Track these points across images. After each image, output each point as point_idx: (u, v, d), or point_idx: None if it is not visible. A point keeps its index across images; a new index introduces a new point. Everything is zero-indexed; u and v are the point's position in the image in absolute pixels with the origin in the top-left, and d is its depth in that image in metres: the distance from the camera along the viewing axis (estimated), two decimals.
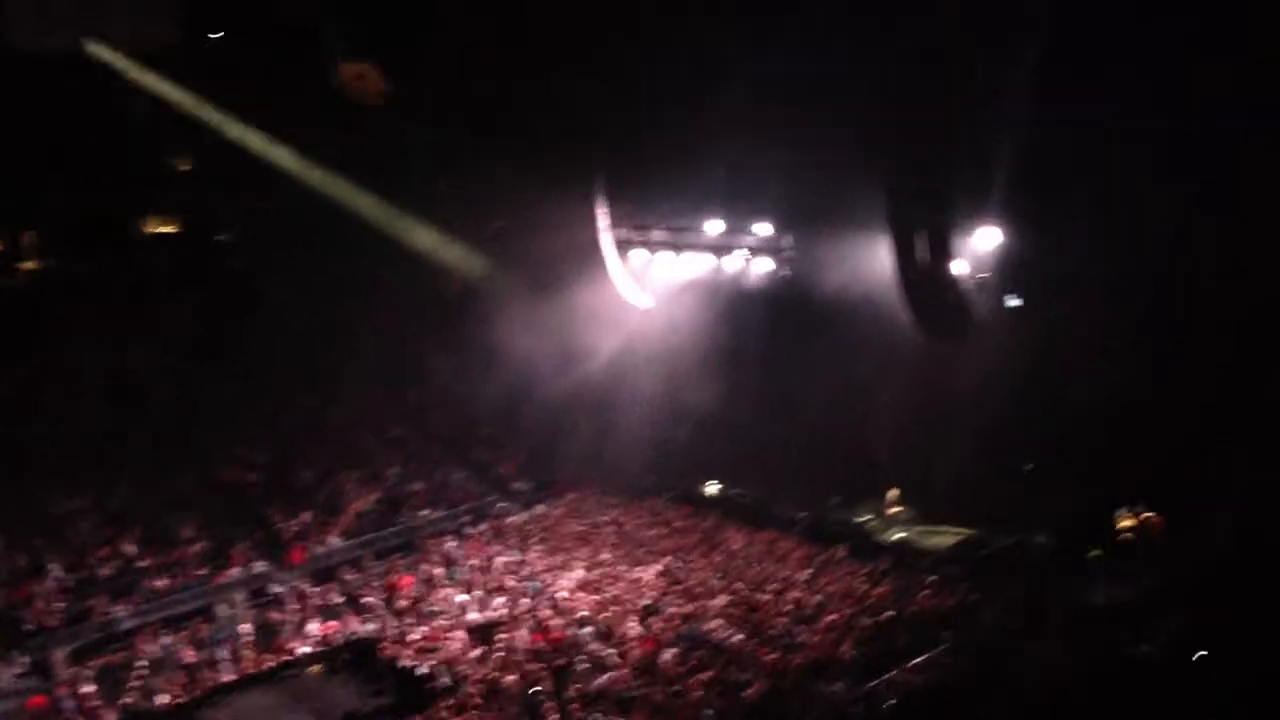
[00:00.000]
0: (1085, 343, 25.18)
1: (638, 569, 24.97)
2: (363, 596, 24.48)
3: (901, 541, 26.14)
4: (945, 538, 25.99)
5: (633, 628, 21.37)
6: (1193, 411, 22.72)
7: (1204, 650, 17.98)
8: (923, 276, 25.77)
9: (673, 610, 22.19)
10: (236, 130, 33.20)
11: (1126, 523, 23.82)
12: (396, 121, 33.54)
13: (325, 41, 33.36)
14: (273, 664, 21.83)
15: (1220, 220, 21.22)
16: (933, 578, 23.35)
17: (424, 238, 34.49)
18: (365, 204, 33.98)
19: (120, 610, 24.20)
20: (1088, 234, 22.63)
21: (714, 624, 21.30)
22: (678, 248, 31.61)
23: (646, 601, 22.77)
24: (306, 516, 28.55)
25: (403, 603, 23.99)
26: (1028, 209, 24.19)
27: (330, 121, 33.55)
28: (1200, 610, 19.66)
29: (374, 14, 32.04)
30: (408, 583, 25.05)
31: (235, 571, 26.11)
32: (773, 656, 19.53)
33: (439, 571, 25.74)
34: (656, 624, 21.59)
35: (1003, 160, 22.86)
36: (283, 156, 33.53)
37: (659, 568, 24.96)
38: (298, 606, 24.22)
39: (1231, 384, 22.04)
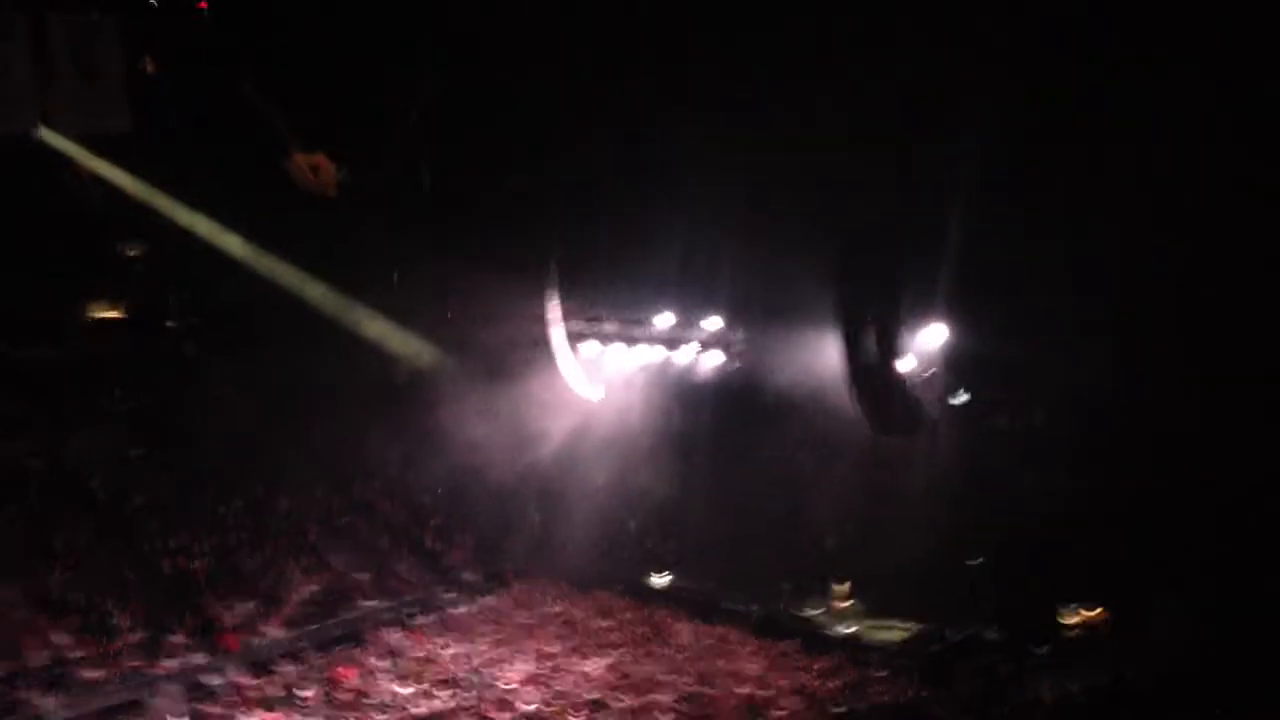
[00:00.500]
0: (1032, 441, 25.65)
1: (585, 662, 24.63)
2: (303, 689, 23.84)
3: (852, 635, 26.09)
4: (895, 632, 25.99)
5: None
6: (1141, 511, 23.11)
7: None
8: (871, 372, 26.11)
9: (620, 705, 21.90)
10: (188, 218, 33.22)
11: (1073, 619, 24.06)
12: (349, 211, 33.71)
13: (279, 132, 33.66)
14: None
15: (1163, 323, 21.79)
16: (884, 672, 23.36)
17: (374, 326, 34.46)
18: (316, 293, 33.97)
19: (50, 702, 23.35)
20: (1033, 333, 23.14)
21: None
22: (629, 340, 31.75)
23: (594, 696, 22.44)
24: (248, 606, 27.85)
25: (343, 695, 23.38)
26: (975, 306, 24.73)
27: (282, 211, 33.65)
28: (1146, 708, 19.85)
29: (328, 106, 32.40)
30: (350, 674, 24.46)
31: (171, 663, 25.33)
32: None
33: (382, 663, 25.18)
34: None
35: (950, 257, 23.43)
36: (234, 244, 33.53)
37: (607, 661, 24.64)
38: (235, 699, 23.52)
39: (1179, 484, 22.44)
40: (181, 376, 36.29)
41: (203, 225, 33.36)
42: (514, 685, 23.28)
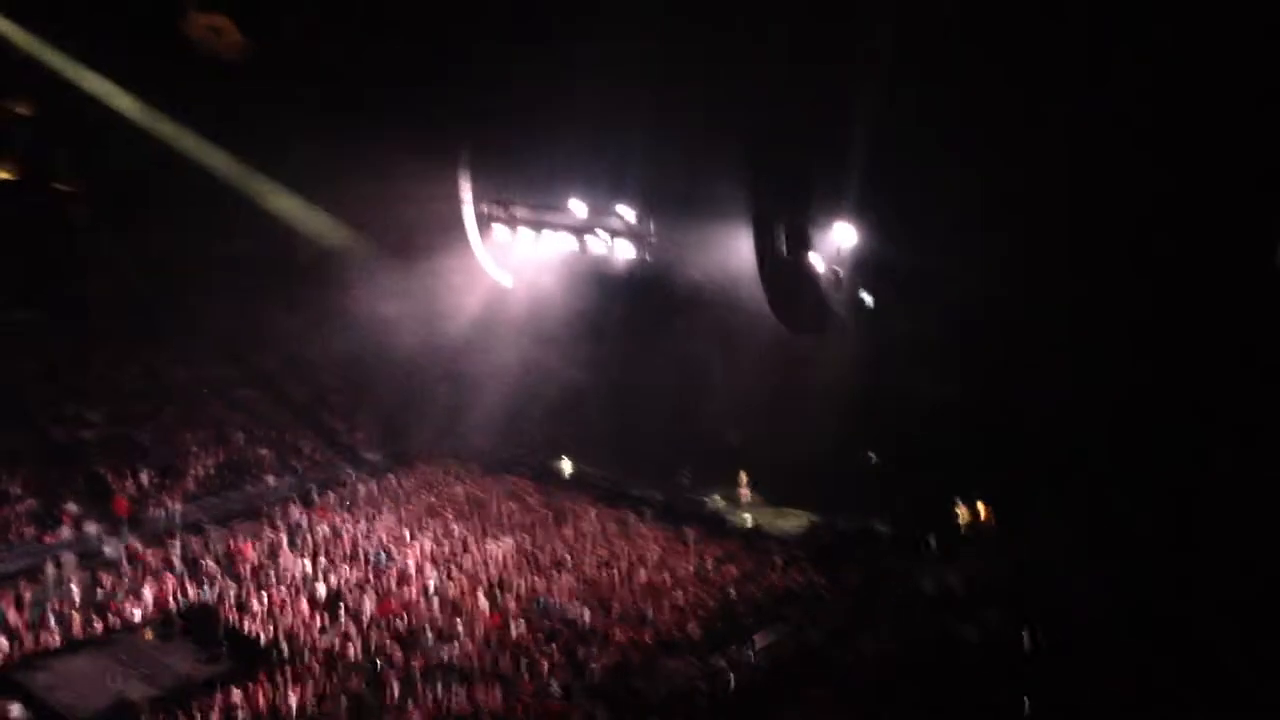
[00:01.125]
0: (931, 341, 26.25)
1: (489, 543, 24.91)
2: (203, 561, 23.72)
3: (751, 524, 26.85)
4: (792, 521, 26.85)
5: (482, 601, 21.36)
6: (1029, 411, 23.95)
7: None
8: (781, 268, 26.37)
9: (522, 585, 22.28)
10: (81, 77, 31.62)
11: (961, 513, 25.12)
12: (255, 79, 32.48)
13: None
14: (102, 628, 20.95)
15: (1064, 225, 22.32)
16: (778, 560, 24.17)
17: (280, 201, 33.56)
18: (218, 162, 32.84)
19: None
20: (940, 235, 23.53)
21: (564, 600, 21.53)
22: (539, 226, 31.49)
23: (497, 575, 22.80)
24: (144, 477, 27.46)
25: (244, 569, 23.32)
26: (883, 208, 25.02)
27: (182, 74, 32.25)
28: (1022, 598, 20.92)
29: None
30: (250, 549, 24.38)
31: (65, 532, 24.93)
32: (621, 633, 19.86)
33: (283, 539, 25.12)
34: (506, 598, 21.63)
35: (860, 158, 23.57)
36: (130, 107, 32.08)
37: (510, 542, 24.96)
38: (132, 570, 23.27)
39: (1071, 387, 23.24)
40: (71, 240, 35.00)
41: (95, 84, 31.80)
42: (415, 563, 23.45)
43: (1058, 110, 20.99)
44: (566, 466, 30.81)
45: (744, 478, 28.36)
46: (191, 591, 22.12)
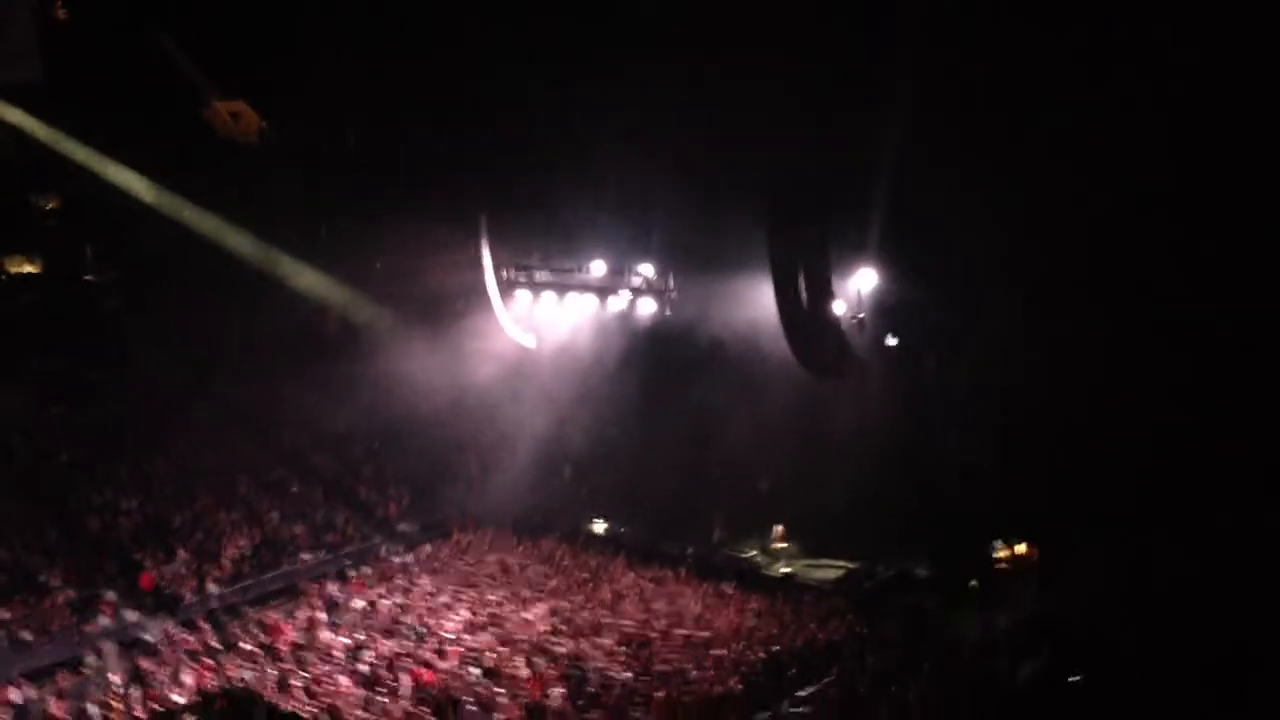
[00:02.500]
0: (959, 383, 26.14)
1: (525, 609, 24.79)
2: (241, 643, 23.72)
3: (787, 575, 26.62)
4: (830, 570, 26.58)
5: (521, 668, 21.18)
6: (1065, 455, 23.70)
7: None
8: (803, 316, 26.34)
9: (561, 650, 22.11)
10: (106, 168, 32.32)
11: (1002, 554, 24.78)
12: (274, 160, 33.12)
13: (199, 80, 32.85)
14: (144, 715, 20.93)
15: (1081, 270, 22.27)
16: (818, 610, 23.89)
17: (303, 276, 33.97)
18: (240, 243, 33.34)
19: None
20: (962, 280, 23.53)
21: (603, 662, 21.32)
22: (561, 288, 31.70)
23: (536, 641, 22.64)
24: (179, 562, 27.56)
25: (283, 649, 23.28)
26: (904, 251, 25.05)
27: (205, 160, 32.95)
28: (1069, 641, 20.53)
29: (248, 53, 31.61)
30: (288, 628, 24.38)
31: (104, 621, 25.04)
32: (663, 693, 19.62)
33: (321, 616, 25.09)
34: (544, 664, 21.45)
35: (881, 203, 23.66)
36: (155, 196, 32.73)
37: (546, 607, 24.83)
38: (171, 655, 23.32)
39: (1104, 427, 23.00)
40: (101, 331, 35.53)
41: (121, 175, 32.49)
42: (453, 633, 23.34)
43: (1085, 152, 21.01)
44: (599, 526, 30.70)
45: (779, 529, 28.17)
46: (231, 674, 22.07)
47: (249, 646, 23.31)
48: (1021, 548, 24.74)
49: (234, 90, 33.39)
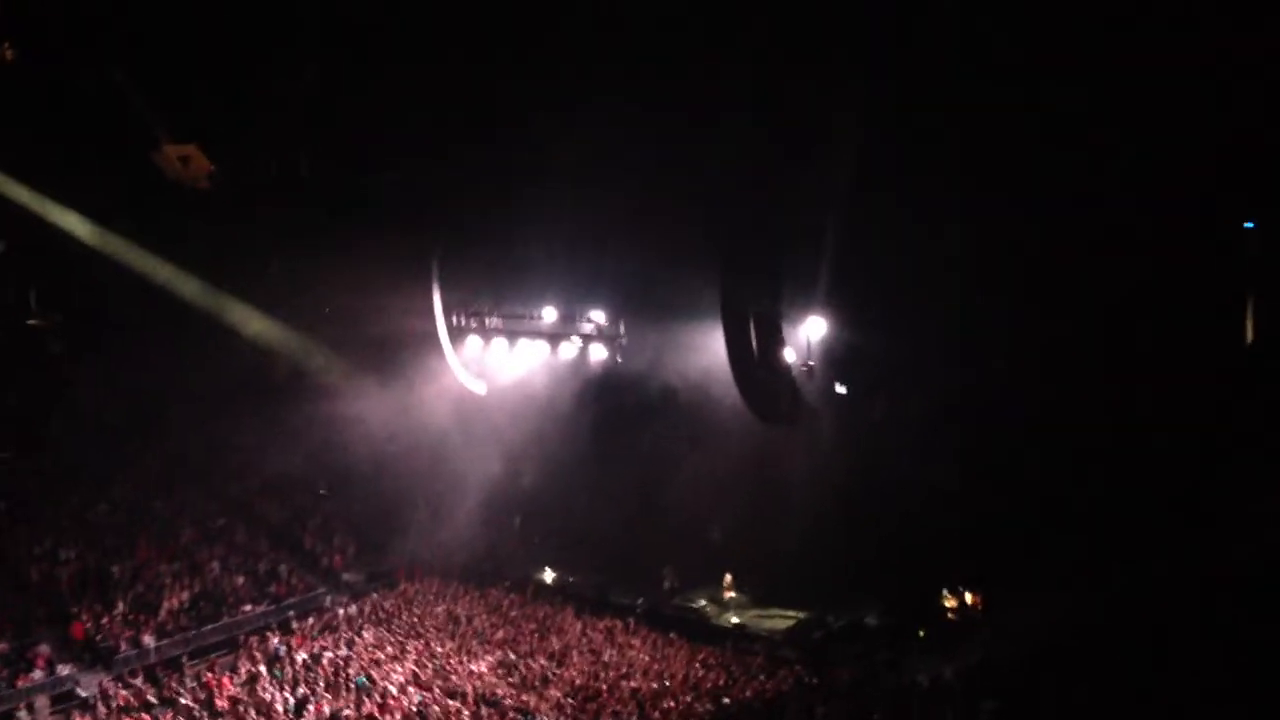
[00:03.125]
0: (907, 429, 26.25)
1: (472, 660, 24.42)
2: (179, 698, 23.07)
3: (737, 625, 26.45)
4: (780, 620, 26.45)
5: None
6: (1011, 500, 23.87)
7: None
8: (755, 363, 26.38)
9: (507, 701, 21.75)
10: (50, 210, 31.78)
11: (950, 604, 24.83)
12: (224, 204, 32.72)
13: (148, 122, 32.44)
14: None
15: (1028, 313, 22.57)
16: (768, 661, 23.74)
17: (251, 321, 33.54)
18: (188, 287, 32.85)
19: None
20: (911, 323, 23.73)
21: (550, 715, 21.00)
22: (513, 334, 31.58)
23: (483, 693, 22.25)
24: (117, 613, 26.88)
25: (222, 704, 22.69)
26: (853, 299, 25.23)
27: (152, 203, 32.48)
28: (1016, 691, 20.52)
29: (199, 95, 31.31)
30: (228, 682, 23.77)
31: (38, 674, 24.32)
32: None
33: (261, 669, 24.52)
34: (490, 715, 21.08)
35: (830, 250, 23.84)
36: (100, 238, 32.20)
37: (494, 658, 24.48)
38: (106, 711, 22.63)
39: (1046, 475, 23.23)
40: (45, 376, 34.81)
41: (64, 218, 31.95)
42: (398, 686, 22.88)
43: (1030, 195, 21.36)
44: (548, 575, 30.39)
45: (728, 578, 28.04)
46: None
47: (187, 702, 22.68)
48: (969, 597, 24.81)
49: (185, 134, 33.03)
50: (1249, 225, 21.18)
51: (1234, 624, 19.39)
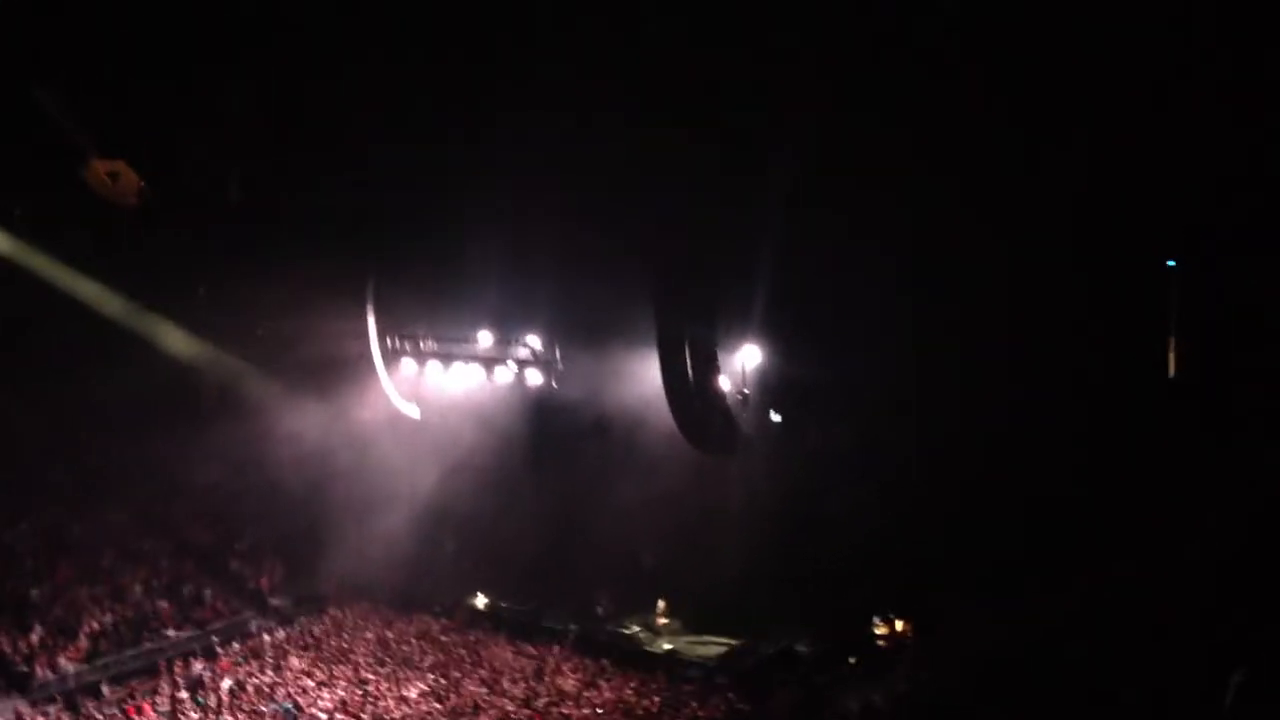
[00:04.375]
0: (840, 457, 26.61)
1: (402, 687, 24.13)
2: None
3: (670, 652, 26.49)
4: (712, 647, 26.53)
5: None
6: (939, 527, 24.29)
7: None
8: (689, 390, 26.56)
9: None
10: None
11: (881, 631, 25.13)
12: (152, 221, 32.14)
13: (75, 137, 31.82)
14: None
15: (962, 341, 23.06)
16: (700, 688, 23.79)
17: (179, 340, 32.96)
18: (115, 308, 32.21)
19: None
20: (844, 351, 24.11)
21: None
22: (447, 358, 31.37)
23: None
24: (34, 638, 26.14)
25: None
26: (787, 328, 25.57)
27: (76, 218, 31.82)
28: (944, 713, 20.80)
29: (128, 110, 30.82)
30: (148, 708, 23.23)
31: None
32: None
33: (184, 695, 24.01)
34: None
35: (765, 280, 24.14)
36: (20, 253, 31.46)
37: (424, 685, 24.22)
38: None
39: (976, 499, 23.67)
40: None
41: None
42: (328, 713, 22.56)
43: (959, 221, 21.83)
44: (480, 601, 30.19)
45: (661, 605, 28.09)
46: None
47: None
48: (899, 624, 25.12)
49: (113, 149, 32.45)
50: (1171, 264, 21.93)
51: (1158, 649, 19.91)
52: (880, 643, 25.25)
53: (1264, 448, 19.95)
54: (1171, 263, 22.05)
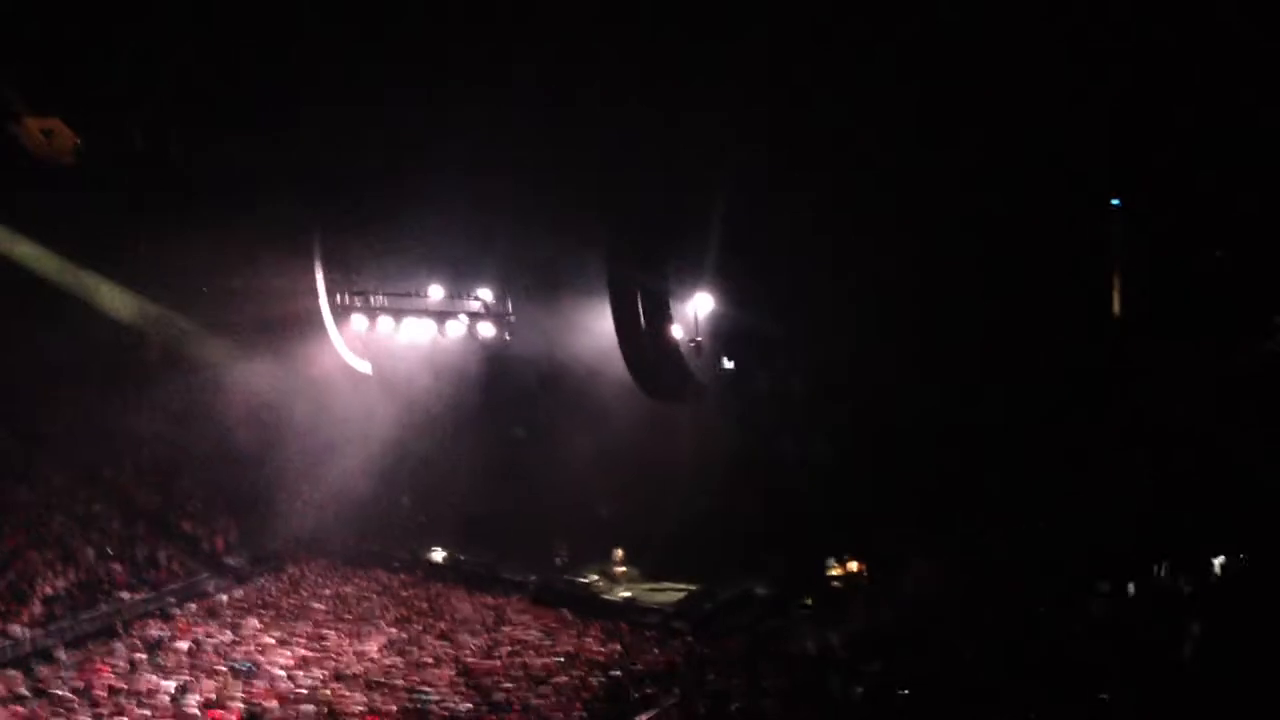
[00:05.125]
0: (794, 402, 26.82)
1: (361, 642, 24.14)
2: (53, 688, 22.28)
3: (629, 599, 26.71)
4: (670, 593, 26.80)
5: (357, 703, 20.58)
6: (891, 472, 24.63)
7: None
8: (642, 339, 26.62)
9: (398, 682, 21.58)
10: None
11: (836, 573, 25.52)
12: (89, 177, 31.42)
13: (7, 94, 30.95)
14: None
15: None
16: (659, 634, 24.07)
17: (123, 302, 32.39)
18: (54, 268, 31.54)
19: None
20: (797, 297, 24.24)
21: (442, 694, 20.91)
22: (398, 313, 31.09)
23: (373, 676, 22.03)
24: None
25: (101, 693, 22.01)
26: (740, 275, 25.64)
27: (12, 178, 31.03)
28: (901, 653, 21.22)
29: (63, 64, 29.99)
30: (106, 670, 23.05)
31: None
32: None
33: (141, 657, 23.85)
34: (382, 698, 20.90)
35: (716, 229, 24.16)
36: None
37: (384, 639, 24.26)
38: None
39: (927, 440, 24.01)
40: None
41: None
42: (285, 670, 22.51)
43: (902, 175, 21.93)
44: (437, 555, 30.22)
45: (619, 553, 28.27)
46: None
47: (62, 692, 21.93)
48: (853, 565, 25.52)
49: (47, 106, 31.60)
50: (1115, 203, 22.22)
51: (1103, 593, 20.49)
52: (835, 584, 25.63)
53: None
54: (1116, 201, 22.35)
